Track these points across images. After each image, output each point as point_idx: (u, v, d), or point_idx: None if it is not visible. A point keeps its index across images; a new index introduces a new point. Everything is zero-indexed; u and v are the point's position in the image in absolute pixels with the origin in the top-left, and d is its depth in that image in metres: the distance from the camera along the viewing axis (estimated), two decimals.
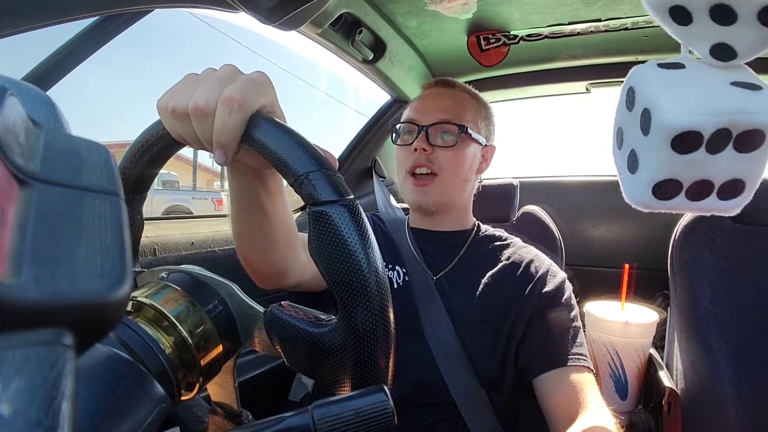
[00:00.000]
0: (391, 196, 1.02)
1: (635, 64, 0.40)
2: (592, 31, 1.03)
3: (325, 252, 0.31)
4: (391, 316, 0.31)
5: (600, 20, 0.98)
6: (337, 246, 0.30)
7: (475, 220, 0.88)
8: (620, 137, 0.41)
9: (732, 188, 0.36)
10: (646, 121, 0.35)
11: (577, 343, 0.69)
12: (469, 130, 0.79)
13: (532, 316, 0.71)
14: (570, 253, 1.16)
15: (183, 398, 0.36)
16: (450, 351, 0.70)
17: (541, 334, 0.70)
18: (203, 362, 0.36)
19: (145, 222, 0.46)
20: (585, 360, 0.68)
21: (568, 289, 0.76)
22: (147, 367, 0.30)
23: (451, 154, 0.78)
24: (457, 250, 0.81)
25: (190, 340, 0.35)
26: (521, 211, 1.16)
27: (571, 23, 1.00)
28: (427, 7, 0.93)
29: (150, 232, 0.78)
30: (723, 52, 0.36)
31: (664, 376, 0.79)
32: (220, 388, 0.43)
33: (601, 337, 0.84)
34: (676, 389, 0.77)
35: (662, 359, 0.90)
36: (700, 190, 0.36)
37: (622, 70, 0.40)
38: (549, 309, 0.72)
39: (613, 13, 0.95)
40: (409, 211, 0.90)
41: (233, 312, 0.39)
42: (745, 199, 0.37)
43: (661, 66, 0.37)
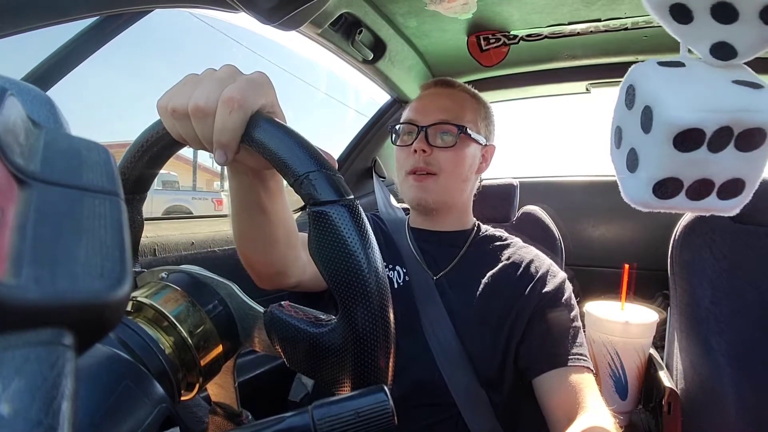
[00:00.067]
0: (391, 196, 1.02)
1: (635, 63, 0.39)
2: (592, 31, 1.03)
3: (325, 252, 0.31)
4: (391, 316, 0.31)
5: (600, 20, 0.98)
6: (337, 246, 0.30)
7: (476, 220, 0.88)
8: (619, 136, 0.41)
9: (732, 188, 0.36)
10: (647, 119, 0.35)
11: (577, 343, 0.69)
12: (468, 130, 0.79)
13: (532, 316, 0.71)
14: (570, 253, 1.16)
15: (183, 398, 0.36)
16: (450, 351, 0.70)
17: (541, 334, 0.70)
18: (203, 362, 0.36)
19: (145, 222, 0.46)
20: (585, 360, 0.68)
21: (568, 289, 0.76)
22: (147, 367, 0.30)
23: (450, 154, 0.78)
24: (458, 250, 0.81)
25: (190, 340, 0.35)
26: (521, 211, 1.16)
27: (571, 23, 1.00)
28: (427, 7, 0.93)
29: (150, 232, 0.78)
30: (723, 51, 0.36)
31: (664, 376, 0.79)
32: (220, 388, 0.43)
33: (601, 337, 0.84)
34: (676, 389, 0.77)
35: (662, 359, 0.90)
36: (700, 190, 0.36)
37: (622, 70, 0.40)
38: (549, 309, 0.72)
39: (613, 13, 0.95)
40: (409, 212, 0.90)
41: (233, 312, 0.39)
42: (745, 199, 0.37)
43: (662, 64, 0.37)
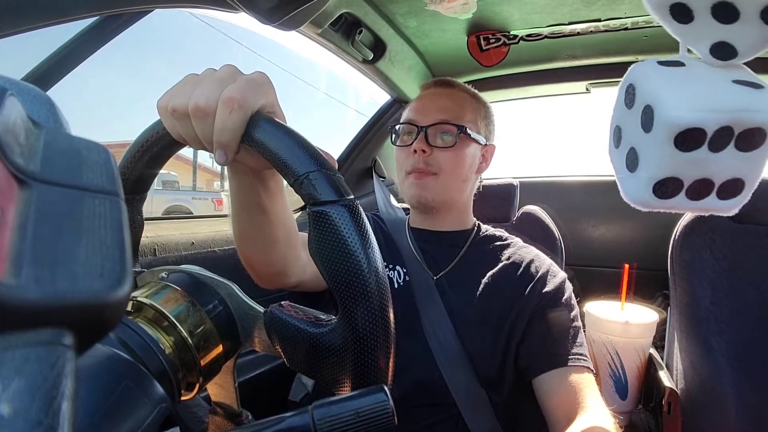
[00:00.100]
0: (391, 196, 1.02)
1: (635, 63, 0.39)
2: (592, 31, 1.03)
3: (325, 252, 0.31)
4: (391, 316, 0.31)
5: (600, 20, 0.98)
6: (337, 246, 0.30)
7: (476, 220, 0.88)
8: (618, 136, 0.40)
9: (732, 188, 0.36)
10: (648, 119, 0.35)
11: (577, 343, 0.69)
12: (468, 130, 0.79)
13: (532, 316, 0.71)
14: (570, 253, 1.16)
15: (183, 398, 0.36)
16: (450, 351, 0.70)
17: (541, 334, 0.70)
18: (203, 362, 0.36)
19: (145, 222, 0.46)
20: (585, 360, 0.68)
21: (568, 289, 0.76)
22: (147, 367, 0.30)
23: (450, 154, 0.78)
24: (458, 250, 0.81)
25: (190, 340, 0.35)
26: (521, 211, 1.16)
27: (571, 23, 1.00)
28: (427, 7, 0.93)
29: (150, 232, 0.78)
30: (723, 51, 0.36)
31: (664, 376, 0.79)
32: (220, 388, 0.43)
33: (601, 337, 0.84)
34: (676, 389, 0.77)
35: (662, 359, 0.90)
36: (700, 189, 0.36)
37: (622, 70, 0.40)
38: (549, 309, 0.72)
39: (613, 13, 0.95)
40: (409, 212, 0.90)
41: (233, 312, 0.39)
42: (744, 199, 0.37)
43: (662, 64, 0.37)
